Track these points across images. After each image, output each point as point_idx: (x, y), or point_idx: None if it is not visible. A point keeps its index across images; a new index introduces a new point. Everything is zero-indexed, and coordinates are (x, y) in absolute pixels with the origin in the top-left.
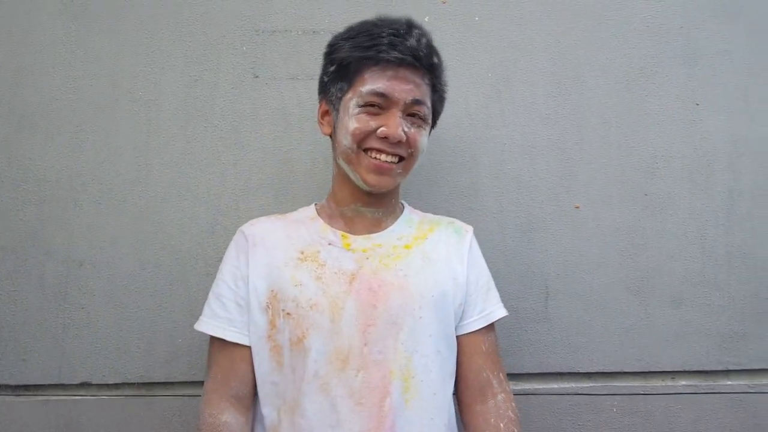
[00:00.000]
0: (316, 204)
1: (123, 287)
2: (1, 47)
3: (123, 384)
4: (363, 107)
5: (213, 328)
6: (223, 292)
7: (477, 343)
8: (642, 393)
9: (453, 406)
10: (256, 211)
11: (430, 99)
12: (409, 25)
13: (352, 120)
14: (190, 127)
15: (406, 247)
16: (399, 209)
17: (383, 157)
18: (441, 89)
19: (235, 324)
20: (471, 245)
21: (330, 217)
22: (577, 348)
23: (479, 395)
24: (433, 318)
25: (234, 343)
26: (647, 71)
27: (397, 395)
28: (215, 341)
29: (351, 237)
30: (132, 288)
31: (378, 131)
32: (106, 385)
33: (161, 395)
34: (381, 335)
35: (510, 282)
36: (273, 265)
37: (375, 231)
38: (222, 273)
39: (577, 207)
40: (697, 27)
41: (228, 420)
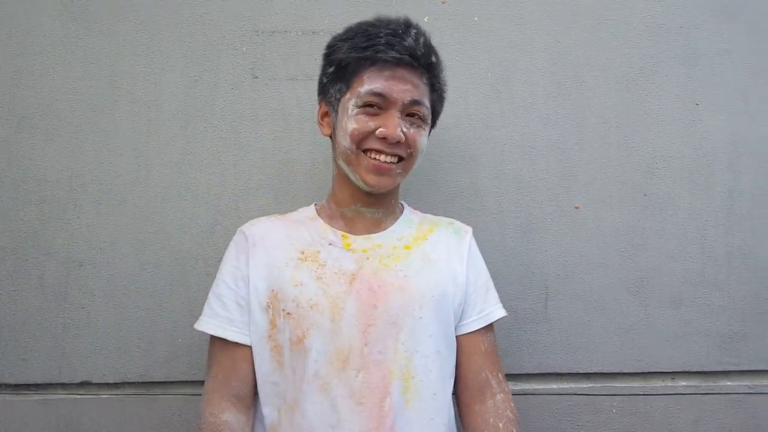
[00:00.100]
0: (315, 204)
1: (123, 287)
2: (1, 48)
3: (123, 383)
4: (361, 108)
5: (214, 327)
6: (224, 292)
7: (476, 343)
8: (641, 393)
9: (453, 406)
10: (255, 212)
11: (429, 99)
12: (407, 25)
13: (350, 121)
14: (189, 128)
15: (406, 248)
16: (399, 210)
17: (382, 158)
18: (440, 88)
19: (236, 324)
20: (470, 246)
21: (330, 218)
22: (577, 348)
23: (478, 395)
24: (433, 318)
25: (235, 343)
26: (647, 71)
27: (397, 395)
28: (216, 341)
29: (351, 237)
30: (132, 288)
31: (377, 132)
32: (106, 385)
33: (161, 395)
34: (381, 335)
35: (509, 282)
36: (273, 265)
37: (375, 231)
38: (222, 273)
39: (577, 207)
40: (697, 27)
41: (229, 419)
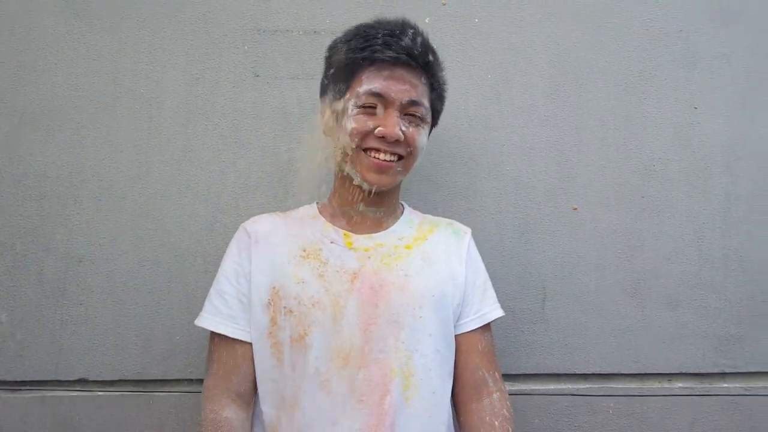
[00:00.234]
0: (317, 202)
1: (121, 284)
2: (3, 45)
3: (120, 381)
4: (361, 108)
5: (215, 324)
6: (225, 288)
7: (473, 343)
8: (638, 395)
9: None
10: (255, 210)
11: (428, 99)
12: (404, 25)
13: (350, 120)
14: (190, 126)
15: (406, 248)
16: (399, 210)
17: (382, 156)
18: (440, 88)
19: (238, 321)
20: (469, 246)
21: (332, 216)
22: (574, 349)
23: (475, 394)
24: (433, 318)
25: (236, 340)
26: (646, 74)
27: (397, 393)
28: (217, 337)
29: (353, 236)
30: (130, 285)
31: (376, 131)
32: (103, 382)
33: (158, 392)
34: (382, 334)
35: (507, 283)
36: (275, 263)
37: (376, 231)
38: (224, 269)
39: (575, 208)
40: (696, 31)
41: (229, 416)
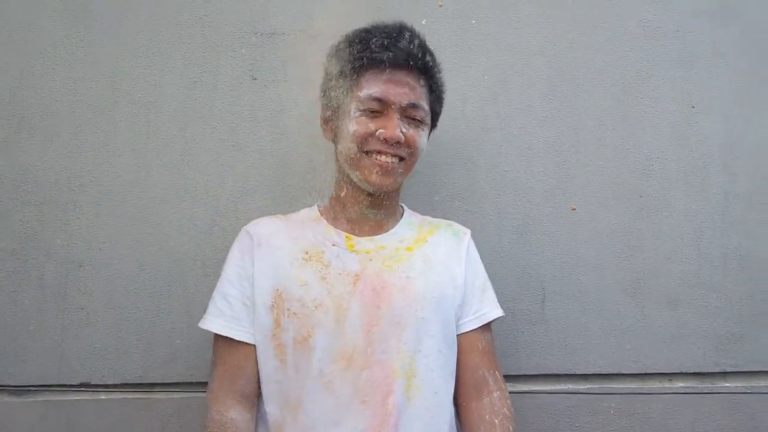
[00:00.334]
0: (318, 205)
1: (122, 288)
2: (2, 50)
3: (122, 384)
4: (362, 111)
5: (220, 326)
6: (229, 291)
7: (473, 342)
8: (639, 393)
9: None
10: (254, 213)
11: (427, 101)
12: (402, 28)
13: (352, 123)
14: (188, 129)
15: (407, 249)
16: (399, 212)
17: (383, 158)
18: (438, 90)
19: (242, 323)
20: (469, 248)
21: (334, 219)
22: (574, 349)
23: (475, 392)
24: (435, 318)
25: (240, 342)
26: (643, 74)
27: (400, 393)
28: (221, 340)
29: (355, 239)
30: (131, 289)
31: (377, 133)
32: (105, 386)
33: (159, 395)
34: (385, 335)
35: (507, 283)
36: (278, 265)
37: (378, 233)
38: (227, 272)
39: (574, 209)
40: (693, 30)
41: (235, 417)
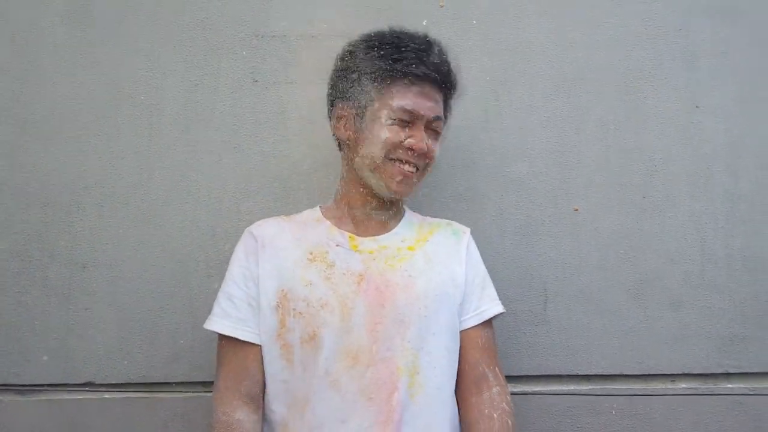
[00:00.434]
0: (320, 206)
1: (125, 289)
2: (5, 53)
3: (125, 384)
4: (394, 120)
5: (225, 327)
6: (234, 292)
7: (473, 339)
8: (642, 394)
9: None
10: (256, 214)
11: (444, 113)
12: (431, 42)
13: (384, 131)
14: (190, 131)
15: (409, 249)
16: (401, 212)
17: (406, 167)
18: (451, 104)
19: (247, 324)
20: (468, 246)
21: (339, 219)
22: (576, 350)
23: (475, 388)
24: (437, 316)
25: (246, 343)
26: (646, 73)
27: (404, 390)
28: (226, 341)
29: (358, 239)
30: (134, 290)
31: (405, 142)
32: (108, 385)
33: (163, 395)
34: (389, 333)
35: (509, 284)
36: (283, 266)
37: (380, 233)
38: (232, 273)
39: (576, 209)
40: (696, 29)
41: (241, 418)
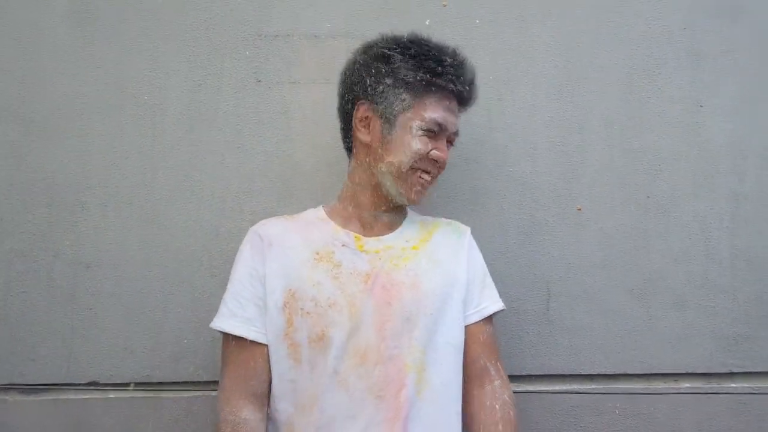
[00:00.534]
0: (323, 206)
1: (129, 288)
2: (9, 54)
3: (129, 383)
4: (424, 131)
5: (233, 327)
6: (241, 291)
7: (475, 334)
8: (645, 393)
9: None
10: (259, 214)
11: None
12: (463, 58)
13: (415, 141)
14: (194, 131)
15: (413, 249)
16: (404, 212)
17: (425, 177)
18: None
19: (254, 323)
20: (469, 245)
21: (345, 219)
22: (579, 350)
23: (477, 382)
24: (442, 314)
25: (252, 342)
26: (650, 72)
27: (412, 387)
28: (233, 340)
29: (363, 239)
30: (138, 289)
31: (431, 153)
32: (113, 385)
33: (167, 394)
34: (396, 332)
35: (511, 284)
36: (290, 266)
37: (385, 233)
38: (238, 273)
39: (579, 209)
40: (701, 28)
41: (248, 417)
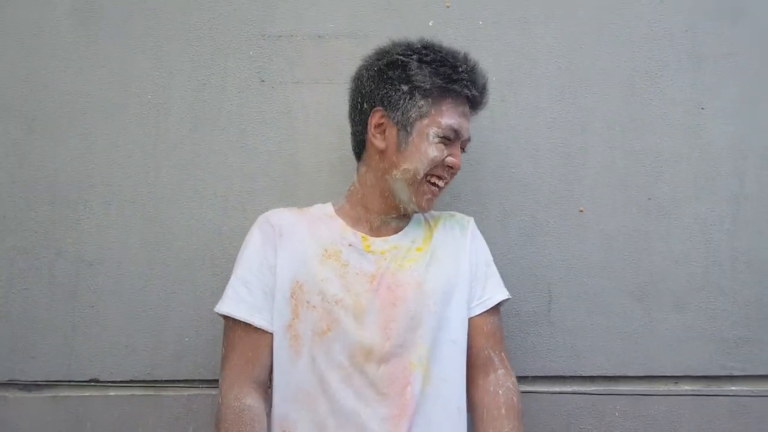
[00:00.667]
0: (332, 203)
1: (131, 286)
2: (13, 52)
3: (130, 381)
4: (441, 138)
5: (241, 312)
6: (249, 278)
7: (479, 326)
8: (645, 395)
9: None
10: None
11: None
12: (475, 63)
13: (432, 148)
14: (197, 131)
15: (418, 250)
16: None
17: (439, 184)
18: None
19: (262, 311)
20: (472, 237)
21: (353, 220)
22: (580, 351)
23: (481, 371)
24: (447, 311)
25: (258, 329)
26: (652, 75)
27: (417, 384)
28: (238, 326)
29: (370, 239)
30: (140, 287)
31: (446, 160)
32: (113, 382)
33: (168, 392)
34: (401, 331)
35: (513, 285)
36: (299, 258)
37: (391, 233)
38: (247, 259)
39: (581, 211)
40: (702, 30)
41: (252, 404)
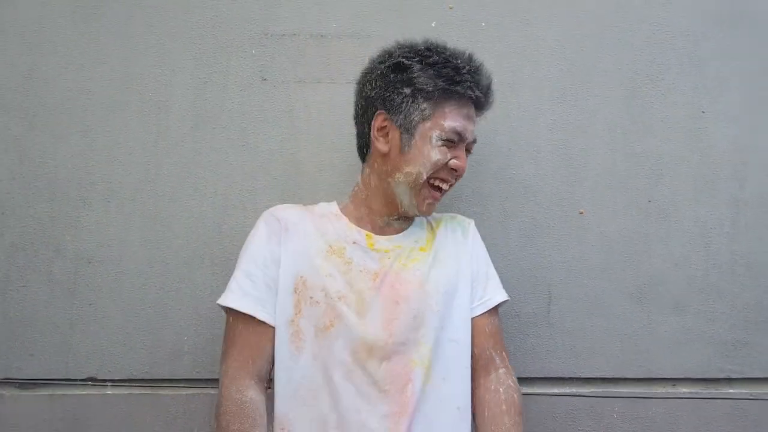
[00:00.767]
0: (337, 202)
1: (130, 285)
2: (14, 49)
3: (128, 380)
4: (444, 141)
5: (245, 305)
6: (254, 271)
7: (480, 326)
8: (643, 398)
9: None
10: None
11: None
12: (479, 64)
13: (435, 151)
14: (198, 129)
15: (421, 250)
16: None
17: (444, 186)
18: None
19: (265, 304)
20: (473, 239)
21: (357, 219)
22: (579, 353)
23: (483, 370)
24: (448, 311)
25: (261, 323)
26: (653, 78)
27: (419, 382)
28: (241, 319)
29: (374, 237)
30: (139, 285)
31: (450, 163)
32: (111, 381)
33: (166, 391)
34: (403, 329)
35: (513, 286)
36: (304, 253)
37: (395, 233)
38: (252, 253)
39: (582, 213)
40: (704, 34)
41: (254, 397)
